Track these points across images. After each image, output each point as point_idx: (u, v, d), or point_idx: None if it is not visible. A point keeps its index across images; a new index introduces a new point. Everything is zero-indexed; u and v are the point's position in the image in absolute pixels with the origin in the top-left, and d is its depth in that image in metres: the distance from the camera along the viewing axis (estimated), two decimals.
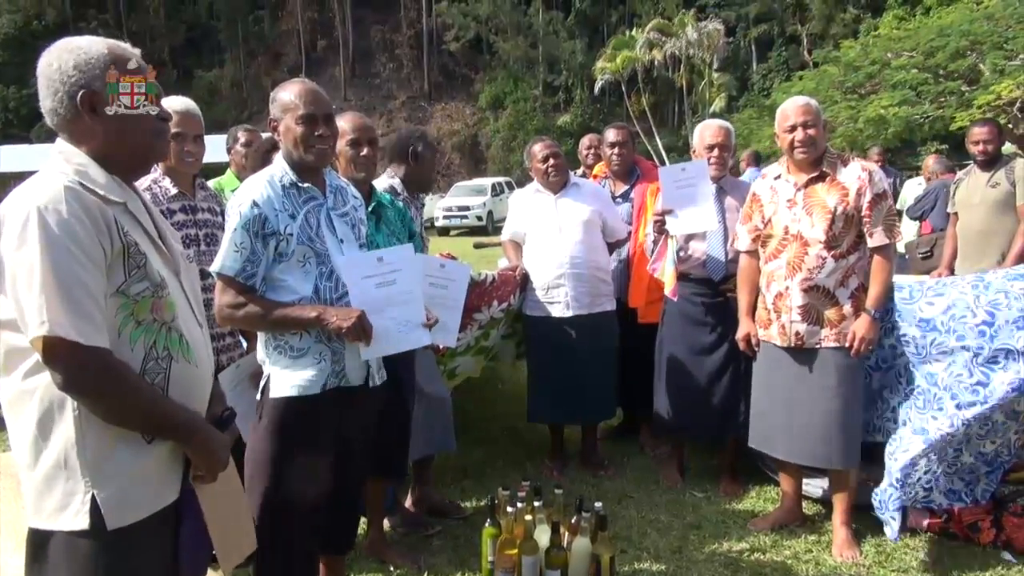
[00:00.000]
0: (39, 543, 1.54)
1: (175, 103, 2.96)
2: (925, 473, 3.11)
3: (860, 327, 3.07)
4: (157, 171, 2.99)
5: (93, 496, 1.51)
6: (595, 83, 38.39)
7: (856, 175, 3.10)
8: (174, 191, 2.96)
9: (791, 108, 3.19)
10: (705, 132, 3.79)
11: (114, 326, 1.53)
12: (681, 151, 31.00)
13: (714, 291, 3.72)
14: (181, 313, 1.65)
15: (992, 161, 4.83)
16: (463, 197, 24.19)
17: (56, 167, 1.55)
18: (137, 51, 1.68)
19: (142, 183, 2.94)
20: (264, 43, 49.49)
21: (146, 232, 1.64)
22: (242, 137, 4.18)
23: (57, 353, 1.43)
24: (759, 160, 9.81)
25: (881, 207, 3.08)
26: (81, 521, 1.50)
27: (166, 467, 1.64)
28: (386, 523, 3.39)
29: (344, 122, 2.96)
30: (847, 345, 3.09)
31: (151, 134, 1.66)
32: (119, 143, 1.61)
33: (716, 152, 3.71)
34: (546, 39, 43.89)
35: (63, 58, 1.57)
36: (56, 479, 1.51)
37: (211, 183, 3.72)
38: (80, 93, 1.56)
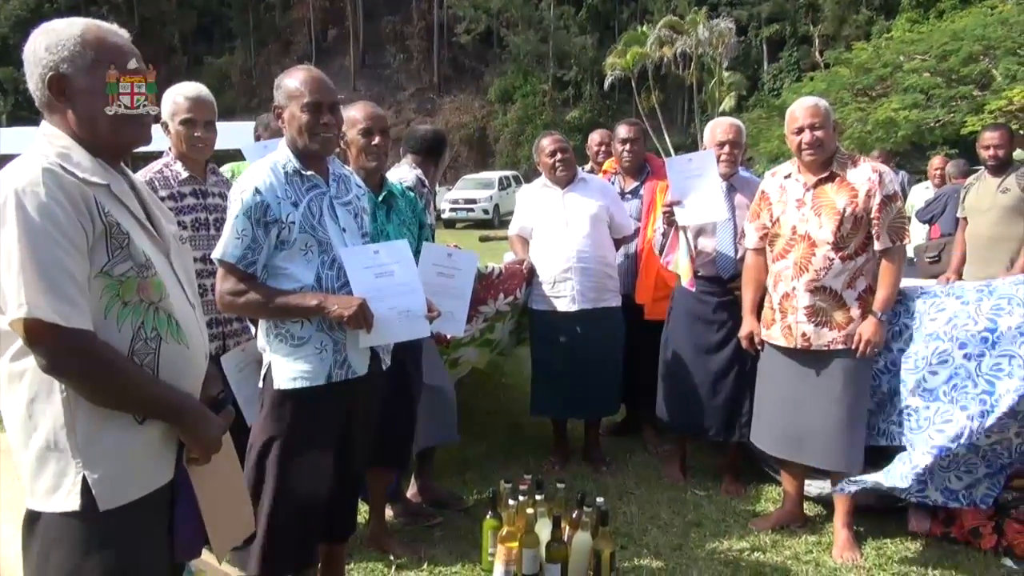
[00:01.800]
0: (32, 524, 1.54)
1: (187, 89, 2.97)
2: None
3: (866, 329, 3.06)
4: (169, 155, 3.01)
5: (84, 477, 1.50)
6: (605, 79, 38.27)
7: (866, 176, 3.09)
8: (185, 175, 2.97)
9: (800, 109, 3.17)
10: (716, 129, 3.78)
11: (99, 308, 1.52)
12: (690, 149, 30.85)
13: (722, 289, 3.71)
14: (172, 294, 1.64)
15: (1003, 166, 4.79)
16: (470, 190, 24.19)
17: (39, 149, 1.54)
18: (124, 32, 1.64)
19: (153, 166, 2.96)
20: (275, 31, 49.50)
21: (132, 213, 1.62)
22: (272, 125, 4.17)
23: (38, 336, 1.42)
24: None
25: (891, 209, 3.07)
26: (72, 502, 1.50)
27: (159, 448, 1.63)
28: (388, 512, 3.40)
29: (356, 111, 2.96)
30: (853, 347, 3.08)
31: (121, 120, 1.61)
32: (89, 128, 1.58)
33: (727, 149, 3.70)
34: (557, 34, 43.74)
35: (38, 40, 1.56)
36: (47, 460, 1.51)
37: (228, 167, 3.71)
38: (48, 76, 1.55)
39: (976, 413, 2.83)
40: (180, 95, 2.95)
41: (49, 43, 1.55)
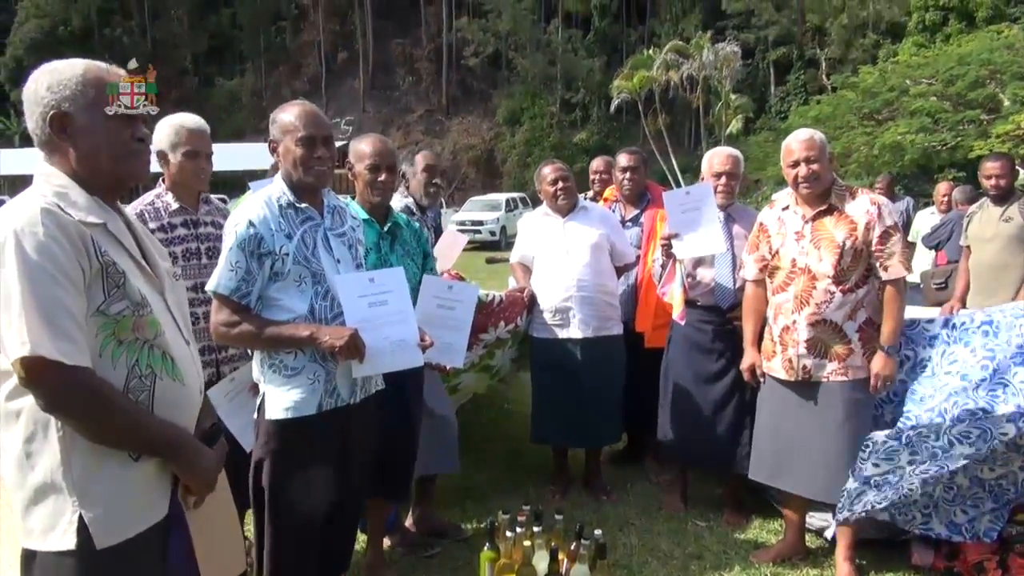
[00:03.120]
0: (29, 563, 1.55)
1: (188, 120, 2.98)
2: (922, 496, 3.08)
3: (878, 365, 3.03)
4: (161, 186, 3.01)
5: (80, 516, 1.51)
6: (612, 101, 38.46)
7: (865, 209, 3.08)
8: (176, 205, 2.96)
9: (795, 143, 3.17)
10: (714, 160, 3.80)
11: (95, 346, 1.53)
12: (696, 172, 30.77)
13: (722, 319, 3.70)
14: (166, 331, 1.66)
15: (1005, 195, 4.79)
16: (477, 212, 24.23)
17: (37, 189, 1.57)
18: (122, 71, 1.67)
19: (145, 198, 2.97)
20: (285, 53, 50.04)
21: (127, 252, 1.64)
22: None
23: (39, 374, 1.44)
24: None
25: (890, 241, 3.06)
26: (68, 541, 1.51)
27: (154, 484, 1.64)
28: (386, 542, 3.39)
29: (365, 145, 2.99)
30: (871, 388, 3.06)
31: (121, 157, 1.64)
32: (90, 165, 1.61)
33: (724, 180, 3.71)
34: (564, 56, 44.09)
35: (39, 80, 1.59)
36: (43, 499, 1.52)
37: None
38: (50, 114, 1.57)
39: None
40: (182, 126, 2.94)
41: (51, 82, 1.58)
